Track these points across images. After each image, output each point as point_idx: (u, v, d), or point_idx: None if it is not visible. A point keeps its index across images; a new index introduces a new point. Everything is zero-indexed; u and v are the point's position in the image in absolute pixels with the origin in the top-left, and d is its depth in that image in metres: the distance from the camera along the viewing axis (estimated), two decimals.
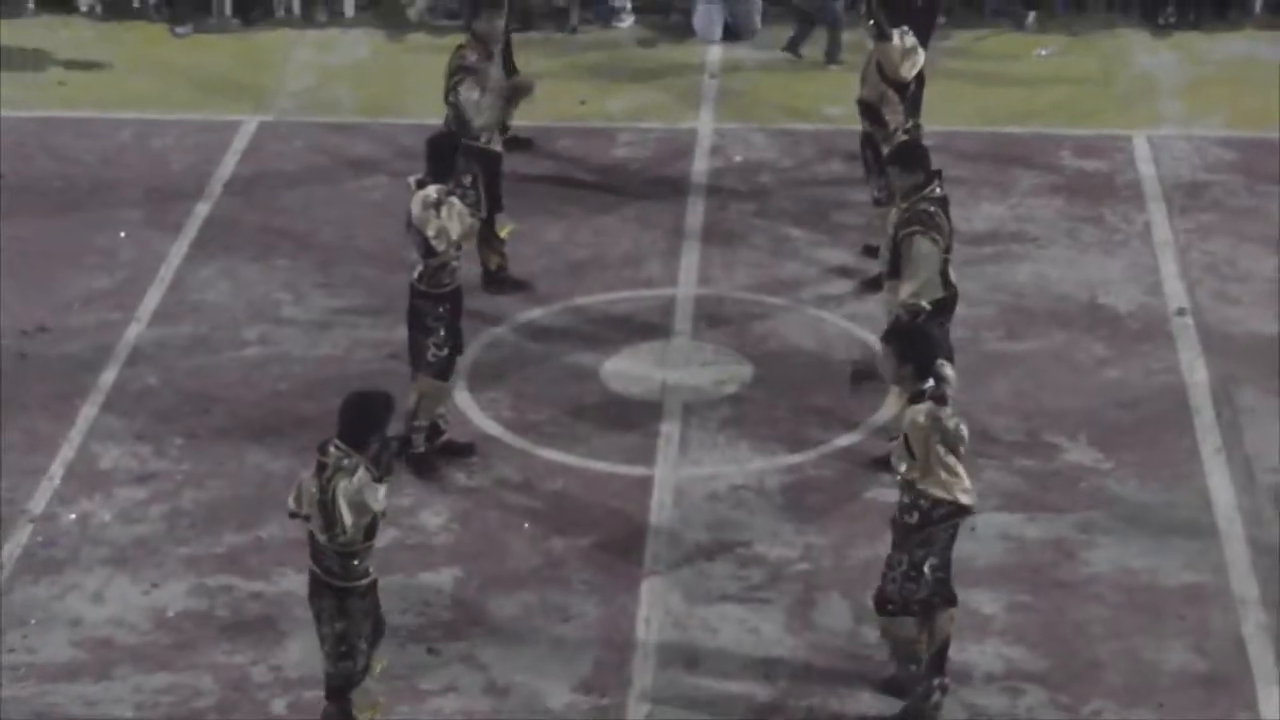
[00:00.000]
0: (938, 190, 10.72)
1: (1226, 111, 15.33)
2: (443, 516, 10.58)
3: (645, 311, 12.69)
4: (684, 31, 16.88)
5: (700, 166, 14.65)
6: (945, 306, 10.67)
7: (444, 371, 10.86)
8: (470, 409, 11.47)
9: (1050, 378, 11.92)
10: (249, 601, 9.85)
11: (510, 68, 13.93)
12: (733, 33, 16.81)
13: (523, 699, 9.22)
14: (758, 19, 16.86)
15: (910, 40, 12.73)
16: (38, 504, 10.67)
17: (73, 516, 10.59)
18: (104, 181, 14.17)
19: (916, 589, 8.93)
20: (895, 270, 10.67)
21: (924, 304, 10.41)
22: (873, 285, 12.25)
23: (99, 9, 17.05)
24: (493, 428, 11.36)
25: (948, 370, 8.89)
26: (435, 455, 10.95)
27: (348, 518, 8.10)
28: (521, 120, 14.11)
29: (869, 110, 12.81)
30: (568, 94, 15.47)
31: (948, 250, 10.63)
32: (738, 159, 14.77)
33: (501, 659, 9.48)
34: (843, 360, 11.71)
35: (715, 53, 16.59)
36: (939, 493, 8.67)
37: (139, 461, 11.08)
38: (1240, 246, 13.36)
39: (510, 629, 9.73)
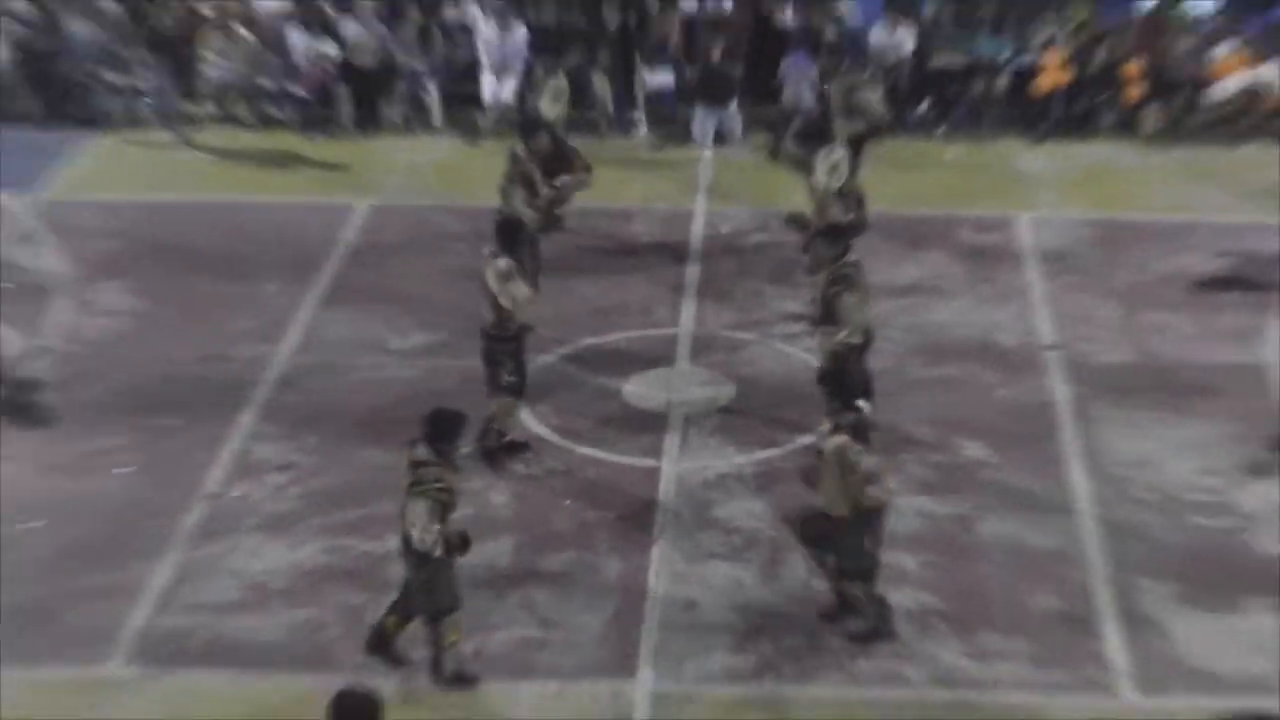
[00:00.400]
0: (852, 257, 10.90)
1: (1086, 199, 15.31)
2: (505, 496, 10.69)
3: (655, 345, 12.70)
4: (684, 137, 16.88)
5: (696, 238, 14.66)
6: (866, 344, 10.84)
7: (516, 391, 11.01)
8: (526, 417, 11.47)
9: (956, 396, 11.97)
10: (363, 558, 9.96)
11: (569, 159, 14.08)
12: (721, 138, 16.82)
13: (564, 631, 9.35)
14: (739, 129, 16.87)
15: (835, 156, 12.75)
16: (211, 486, 10.81)
17: (236, 495, 10.72)
18: (257, 249, 14.20)
19: (865, 560, 9.12)
20: (825, 319, 10.84)
21: (855, 341, 10.60)
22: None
23: (256, 123, 17.12)
24: (543, 431, 11.44)
25: (864, 405, 9.22)
26: (501, 451, 11.05)
27: (414, 530, 8.37)
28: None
29: (794, 220, 12.93)
30: (599, 184, 15.38)
31: (864, 302, 10.81)
32: (725, 231, 14.76)
33: (548, 602, 9.62)
34: (804, 381, 11.85)
35: (708, 154, 16.57)
36: (839, 510, 8.89)
37: (283, 455, 11.19)
38: (1095, 299, 13.36)
39: (555, 579, 9.83)
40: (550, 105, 14.45)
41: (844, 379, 9.67)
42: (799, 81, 16.56)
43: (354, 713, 6.21)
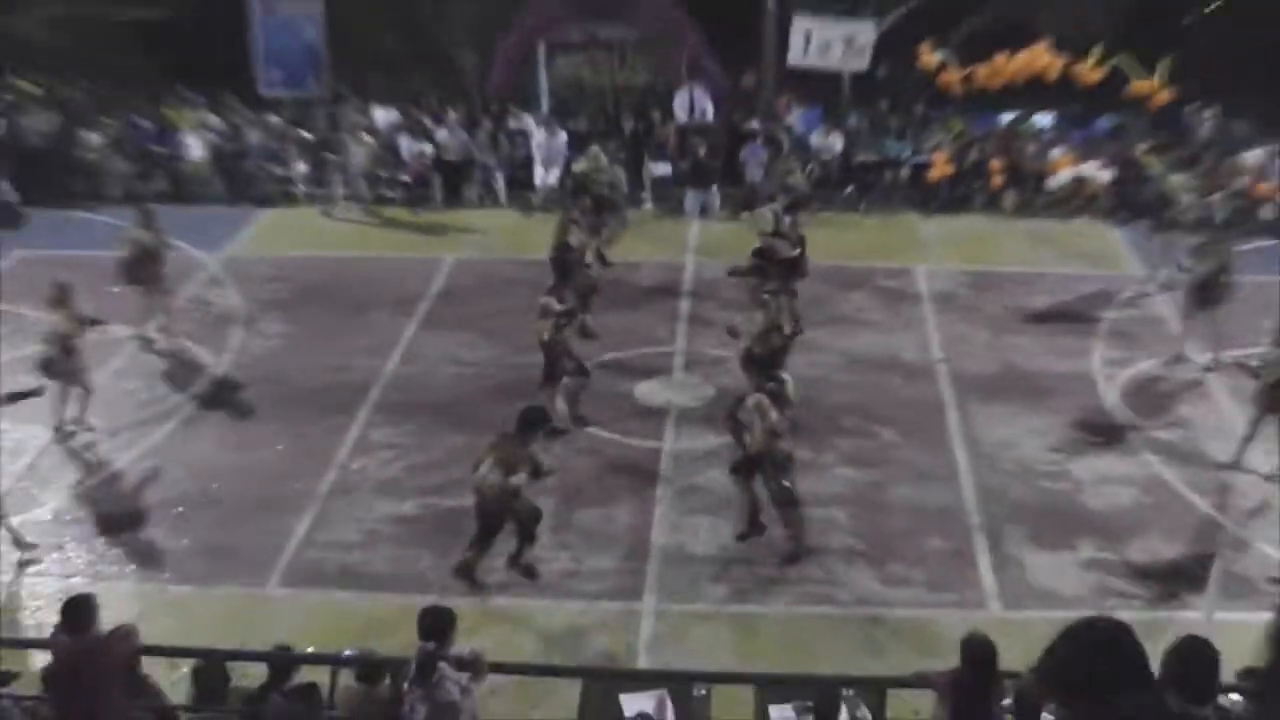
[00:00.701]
0: (768, 288, 11.01)
1: (962, 256, 15.12)
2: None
3: (657, 359, 12.51)
4: (678, 211, 16.62)
5: (687, 281, 14.45)
6: (785, 348, 10.87)
7: (582, 373, 11.02)
8: (565, 411, 11.31)
9: (872, 395, 11.78)
10: (446, 511, 9.82)
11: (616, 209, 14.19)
12: (705, 212, 16.61)
13: (591, 565, 9.25)
14: (718, 205, 16.70)
15: (759, 211, 12.97)
16: (338, 459, 10.67)
17: (355, 466, 10.59)
18: (371, 290, 14.06)
19: (785, 493, 9.03)
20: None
21: (762, 351, 10.70)
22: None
23: (374, 200, 16.78)
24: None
25: (785, 377, 9.26)
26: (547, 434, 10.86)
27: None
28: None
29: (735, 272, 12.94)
30: (617, 244, 15.11)
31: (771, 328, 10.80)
32: (707, 278, 14.45)
33: (578, 544, 9.51)
34: None
35: (695, 224, 16.32)
36: (759, 445, 8.96)
37: (389, 437, 11.03)
38: (970, 327, 13.19)
39: (583, 529, 9.69)
40: (582, 163, 14.29)
41: (765, 363, 9.69)
42: (753, 163, 16.57)
43: (436, 621, 6.17)
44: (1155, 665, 3.16)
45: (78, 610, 6.17)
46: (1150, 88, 14.25)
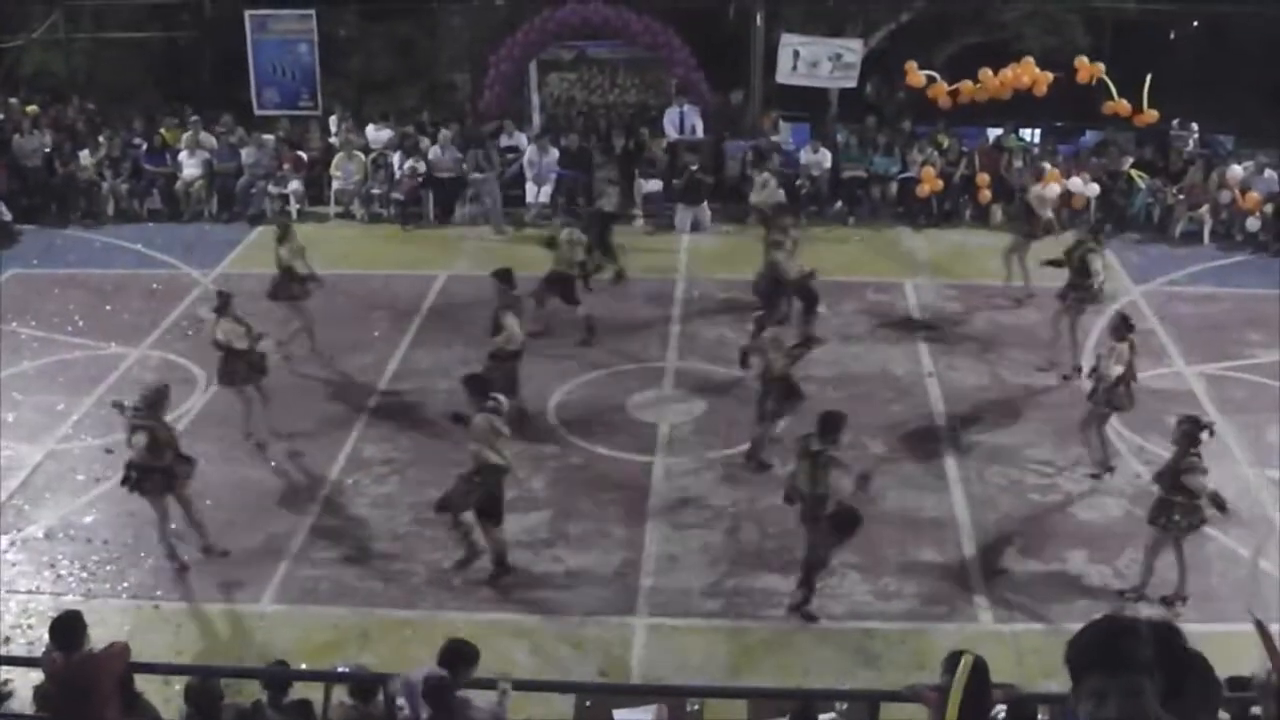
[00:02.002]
0: (516, 292, 10.96)
1: (951, 271, 15.06)
2: (542, 482, 10.45)
3: (649, 373, 12.45)
4: (669, 227, 16.56)
5: (678, 298, 14.38)
6: (519, 353, 10.77)
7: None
8: (557, 425, 11.32)
9: (863, 409, 11.55)
10: (441, 527, 9.58)
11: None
12: (695, 227, 16.58)
13: (585, 579, 9.17)
14: (708, 220, 16.66)
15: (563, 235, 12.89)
16: (332, 475, 10.61)
17: (350, 481, 10.52)
18: (369, 304, 14.00)
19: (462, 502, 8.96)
20: (493, 331, 10.84)
21: (512, 348, 10.65)
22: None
23: (365, 217, 16.90)
24: (571, 436, 11.20)
25: (501, 399, 9.02)
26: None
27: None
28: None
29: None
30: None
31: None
32: (696, 294, 14.48)
33: (572, 556, 9.44)
34: (752, 401, 11.64)
35: (685, 238, 16.27)
36: (493, 460, 8.73)
37: (384, 451, 10.97)
38: (958, 341, 13.15)
39: (578, 543, 9.63)
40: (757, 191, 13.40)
41: (480, 379, 9.36)
42: (730, 158, 16.56)
43: (456, 654, 5.99)
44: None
45: (66, 628, 6.10)
46: (1124, 109, 14.23)
